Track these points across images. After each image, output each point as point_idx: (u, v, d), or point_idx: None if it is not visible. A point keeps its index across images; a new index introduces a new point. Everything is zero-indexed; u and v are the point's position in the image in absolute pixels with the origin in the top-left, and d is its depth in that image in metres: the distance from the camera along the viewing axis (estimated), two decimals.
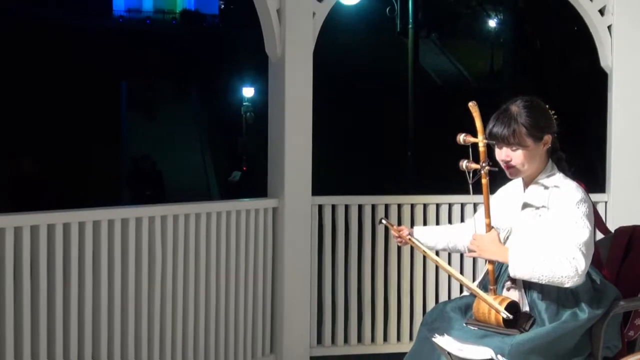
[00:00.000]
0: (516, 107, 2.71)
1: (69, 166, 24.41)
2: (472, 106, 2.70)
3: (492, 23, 37.90)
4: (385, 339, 4.59)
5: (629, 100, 4.63)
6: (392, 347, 4.57)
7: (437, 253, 3.22)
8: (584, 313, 2.61)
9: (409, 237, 3.02)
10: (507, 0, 23.76)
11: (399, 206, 4.59)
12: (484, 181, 2.68)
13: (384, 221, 3.23)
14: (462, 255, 4.48)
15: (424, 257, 4.57)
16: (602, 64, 4.70)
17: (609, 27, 4.64)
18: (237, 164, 25.84)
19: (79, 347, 3.42)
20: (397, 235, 3.06)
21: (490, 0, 32.99)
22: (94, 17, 41.35)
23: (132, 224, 3.62)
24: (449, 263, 4.32)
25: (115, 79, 33.04)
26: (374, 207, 4.55)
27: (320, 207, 4.48)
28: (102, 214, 3.53)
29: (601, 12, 4.65)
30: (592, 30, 4.71)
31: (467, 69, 40.17)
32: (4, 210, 3.49)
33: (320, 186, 4.49)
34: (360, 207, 4.53)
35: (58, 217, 3.34)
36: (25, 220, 3.22)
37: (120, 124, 31.16)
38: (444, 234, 3.13)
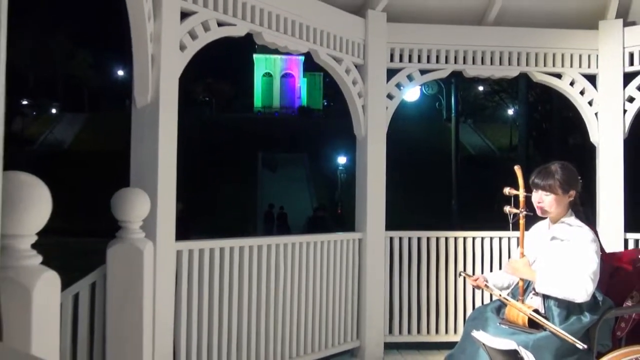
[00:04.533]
0: (555, 166, 2.64)
1: (223, 206, 25.14)
2: (517, 169, 2.66)
3: (510, 111, 37.23)
4: (436, 331, 4.44)
5: (611, 165, 4.43)
6: (442, 337, 4.42)
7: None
8: (586, 317, 2.49)
9: (485, 284, 2.79)
10: (521, 96, 23.32)
11: (446, 239, 4.48)
12: (522, 221, 2.61)
13: (462, 274, 3.00)
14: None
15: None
16: (592, 139, 4.53)
17: (596, 114, 4.48)
18: (334, 208, 25.98)
19: (229, 331, 3.44)
20: (474, 284, 2.81)
21: (509, 95, 32.46)
22: (242, 112, 43.26)
23: (265, 249, 3.64)
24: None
25: (255, 149, 34.25)
26: (428, 239, 4.46)
27: (391, 238, 4.41)
28: (244, 242, 3.55)
29: (590, 103, 4.50)
30: (583, 115, 4.56)
31: (493, 144, 39.49)
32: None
33: (392, 224, 4.44)
34: (419, 239, 4.45)
35: (219, 243, 3.38)
36: (189, 245, 3.28)
37: (257, 178, 32.05)
38: (505, 277, 2.88)
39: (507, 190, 2.64)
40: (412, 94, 14.53)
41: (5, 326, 1.21)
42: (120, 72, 50.01)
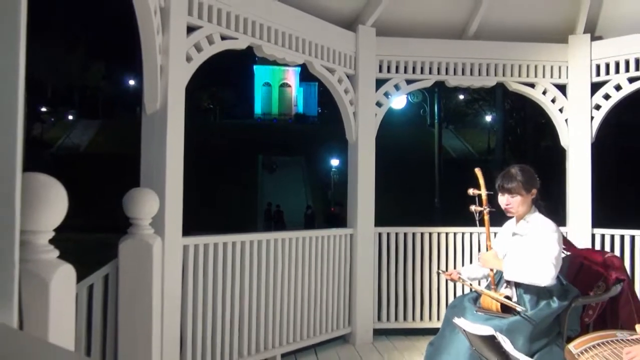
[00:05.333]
0: (515, 170, 2.67)
1: (230, 205, 25.06)
2: (477, 171, 2.71)
3: (488, 118, 37.32)
4: (421, 318, 4.45)
5: (580, 166, 4.46)
6: (426, 324, 4.43)
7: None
8: (555, 303, 2.50)
9: (459, 276, 2.81)
10: (497, 104, 23.42)
11: (430, 234, 4.49)
12: (486, 218, 2.65)
13: (440, 271, 2.99)
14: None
15: (446, 265, 4.48)
16: (562, 143, 4.55)
17: (566, 120, 4.51)
18: (327, 206, 25.97)
19: (231, 319, 3.43)
20: (449, 278, 2.82)
21: (487, 103, 32.58)
22: (243, 119, 43.11)
23: (264, 243, 3.64)
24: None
25: (255, 153, 34.14)
26: (414, 234, 4.47)
27: (380, 234, 4.42)
28: (246, 237, 3.54)
29: (560, 110, 4.53)
30: (554, 122, 4.58)
31: (472, 147, 39.60)
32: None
33: (380, 220, 4.44)
34: (405, 234, 4.46)
35: (222, 239, 3.37)
36: (199, 240, 3.27)
37: (257, 179, 31.96)
38: (478, 269, 2.92)
39: (471, 191, 2.68)
40: (399, 102, 14.48)
41: (25, 316, 1.20)
42: (131, 82, 49.83)
